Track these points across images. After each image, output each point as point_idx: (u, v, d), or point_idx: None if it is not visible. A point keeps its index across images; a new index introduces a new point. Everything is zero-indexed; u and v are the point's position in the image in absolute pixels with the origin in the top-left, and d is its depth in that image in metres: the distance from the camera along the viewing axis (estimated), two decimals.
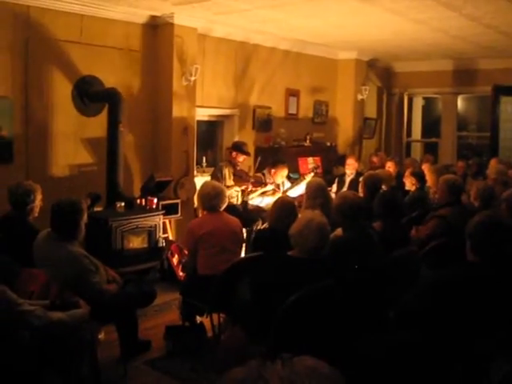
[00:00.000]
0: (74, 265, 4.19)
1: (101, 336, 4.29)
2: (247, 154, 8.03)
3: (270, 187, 7.90)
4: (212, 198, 5.21)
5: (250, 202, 7.71)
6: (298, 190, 8.08)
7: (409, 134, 12.62)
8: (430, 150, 12.01)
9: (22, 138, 6.43)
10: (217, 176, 7.54)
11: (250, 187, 7.71)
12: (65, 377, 3.84)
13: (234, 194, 7.58)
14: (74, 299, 3.94)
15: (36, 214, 5.03)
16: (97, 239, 6.00)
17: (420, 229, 5.62)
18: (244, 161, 8.03)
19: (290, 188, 8.17)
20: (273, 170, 8.16)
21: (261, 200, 7.78)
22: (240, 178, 7.79)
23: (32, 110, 6.52)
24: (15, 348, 3.40)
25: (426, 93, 12.39)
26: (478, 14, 6.96)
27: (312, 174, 8.29)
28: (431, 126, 12.67)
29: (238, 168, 7.89)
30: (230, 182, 7.68)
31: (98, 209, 6.62)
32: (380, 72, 11.93)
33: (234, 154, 7.83)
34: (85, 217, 4.38)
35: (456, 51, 9.91)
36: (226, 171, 7.70)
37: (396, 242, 4.66)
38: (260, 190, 7.81)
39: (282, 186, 8.19)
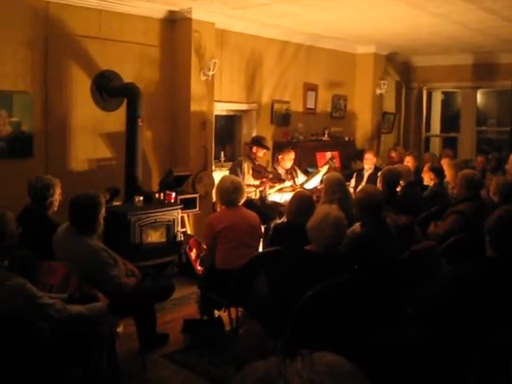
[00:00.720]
0: (93, 258, 4.22)
1: (119, 329, 4.33)
2: (267, 148, 8.04)
3: (288, 183, 7.89)
4: (231, 192, 5.21)
5: (269, 198, 7.70)
6: (314, 182, 8.07)
7: (428, 128, 12.53)
8: (449, 144, 11.92)
9: (41, 132, 6.47)
10: (235, 171, 7.54)
11: (268, 184, 7.70)
12: (84, 369, 3.88)
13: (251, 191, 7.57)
14: (92, 292, 3.98)
15: (55, 208, 5.08)
16: (116, 233, 6.05)
17: (439, 224, 5.60)
18: (264, 156, 8.04)
19: (306, 181, 8.15)
20: (280, 156, 8.18)
21: (281, 196, 7.77)
22: (259, 172, 7.77)
23: (51, 105, 6.56)
24: (35, 341, 3.43)
25: (445, 87, 12.28)
26: (497, 7, 6.89)
27: (327, 165, 8.26)
28: (450, 120, 12.58)
29: (257, 163, 7.88)
30: (248, 176, 7.68)
31: (116, 203, 6.65)
32: (399, 66, 11.86)
33: (254, 148, 7.83)
34: (103, 210, 4.39)
35: (475, 45, 9.81)
36: (245, 166, 7.70)
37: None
38: (278, 187, 7.81)
39: (294, 174, 8.18)
